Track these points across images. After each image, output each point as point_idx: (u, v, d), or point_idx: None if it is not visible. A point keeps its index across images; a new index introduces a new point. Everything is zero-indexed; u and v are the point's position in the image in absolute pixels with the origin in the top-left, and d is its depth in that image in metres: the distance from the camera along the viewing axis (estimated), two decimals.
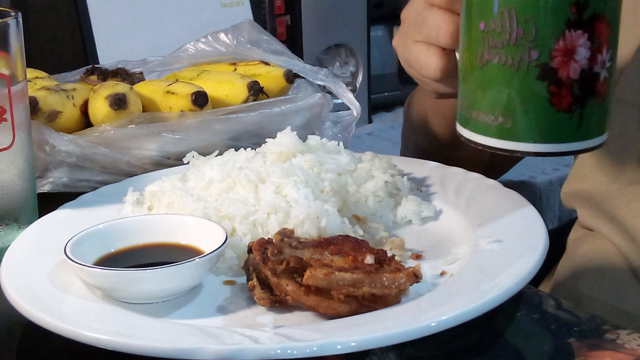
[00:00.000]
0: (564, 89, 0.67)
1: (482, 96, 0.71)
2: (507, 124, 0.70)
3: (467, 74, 0.72)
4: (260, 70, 1.13)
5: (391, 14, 1.98)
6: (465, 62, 0.72)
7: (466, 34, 0.72)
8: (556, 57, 0.67)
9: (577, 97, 0.68)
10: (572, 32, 0.66)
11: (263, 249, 0.69)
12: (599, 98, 0.69)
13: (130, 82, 1.09)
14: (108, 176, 0.96)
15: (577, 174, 0.97)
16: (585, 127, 0.69)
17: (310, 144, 0.88)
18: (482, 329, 0.67)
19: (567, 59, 0.67)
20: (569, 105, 0.68)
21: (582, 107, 0.68)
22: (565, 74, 0.67)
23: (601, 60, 0.68)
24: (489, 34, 0.69)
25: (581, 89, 0.68)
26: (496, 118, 0.70)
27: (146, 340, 0.61)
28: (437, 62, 0.79)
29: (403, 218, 0.84)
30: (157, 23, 1.53)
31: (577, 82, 0.67)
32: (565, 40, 0.66)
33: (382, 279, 0.65)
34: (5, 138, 0.82)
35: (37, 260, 0.74)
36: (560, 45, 0.66)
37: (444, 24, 0.77)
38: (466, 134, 0.73)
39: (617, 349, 0.64)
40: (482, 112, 0.71)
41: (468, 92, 0.72)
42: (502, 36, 0.68)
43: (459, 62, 0.75)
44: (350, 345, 0.59)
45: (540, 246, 0.71)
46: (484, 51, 0.69)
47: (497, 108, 0.70)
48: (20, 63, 0.83)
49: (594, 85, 0.68)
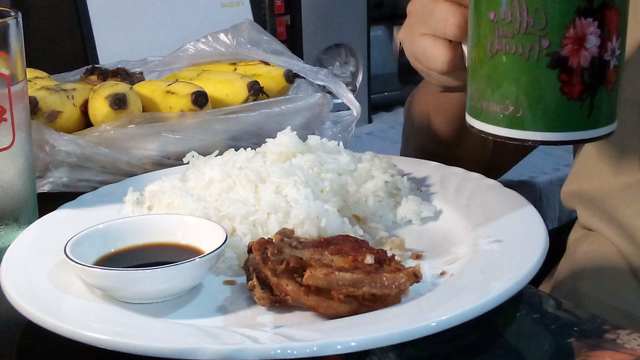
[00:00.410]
0: (575, 77, 0.68)
1: (492, 86, 0.71)
2: (517, 113, 0.70)
3: (476, 65, 0.72)
4: (260, 70, 1.13)
5: (391, 14, 1.98)
6: (475, 53, 0.72)
7: (475, 24, 0.72)
8: (567, 46, 0.67)
9: (588, 85, 0.68)
10: (582, 20, 0.66)
11: (263, 249, 0.69)
12: (609, 86, 0.69)
13: (130, 82, 1.09)
14: (108, 176, 0.96)
15: (577, 174, 0.97)
16: (596, 115, 0.69)
17: (310, 144, 0.88)
18: (482, 329, 0.67)
19: (578, 47, 0.67)
20: (580, 94, 0.68)
21: (593, 95, 0.68)
22: (576, 62, 0.67)
23: (611, 48, 0.68)
24: (499, 23, 0.69)
25: (592, 77, 0.68)
26: (507, 107, 0.70)
27: (146, 340, 0.61)
28: (444, 54, 0.79)
29: (403, 218, 0.84)
30: (157, 23, 1.53)
31: (588, 70, 0.68)
32: (575, 28, 0.67)
33: (382, 279, 0.65)
34: (5, 138, 0.82)
35: (37, 260, 0.74)
36: (570, 33, 0.67)
37: (451, 16, 0.77)
38: (477, 125, 0.73)
39: (617, 349, 0.64)
40: (492, 102, 0.71)
41: (478, 82, 0.72)
42: (512, 25, 0.68)
43: (467, 53, 0.75)
44: (350, 345, 0.59)
45: (541, 246, 0.71)
46: (494, 41, 0.69)
47: (508, 97, 0.70)
48: (20, 63, 0.83)
49: (604, 73, 0.68)
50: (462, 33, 0.76)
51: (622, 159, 0.90)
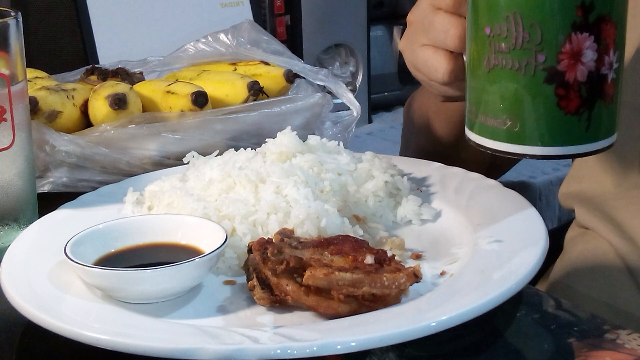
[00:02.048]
0: (572, 92, 0.67)
1: (489, 100, 0.71)
2: (515, 127, 0.69)
3: (474, 79, 0.72)
4: (260, 70, 1.13)
5: (391, 14, 1.98)
6: (472, 67, 0.72)
7: (472, 39, 0.71)
8: (563, 60, 0.67)
9: (585, 99, 0.68)
10: (578, 35, 0.66)
11: (263, 249, 0.69)
12: (607, 99, 0.69)
13: (130, 82, 1.09)
14: (108, 176, 0.96)
15: (576, 176, 0.97)
16: (594, 129, 0.69)
17: (310, 144, 0.88)
18: (482, 329, 0.67)
19: (574, 61, 0.67)
20: (577, 108, 0.68)
21: (591, 109, 0.68)
22: (573, 77, 0.67)
23: (608, 62, 0.67)
24: (495, 38, 0.68)
25: (589, 92, 0.67)
26: (504, 122, 0.70)
27: (146, 340, 0.61)
28: (445, 65, 0.79)
29: (403, 218, 0.84)
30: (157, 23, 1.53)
31: (585, 84, 0.67)
32: (571, 43, 0.66)
33: (382, 279, 0.65)
34: (5, 138, 0.82)
35: (37, 260, 0.74)
36: (566, 48, 0.66)
37: (452, 28, 0.77)
38: (474, 138, 0.73)
39: (617, 349, 0.64)
40: (489, 116, 0.71)
41: (475, 96, 0.72)
42: (508, 40, 0.68)
43: (466, 67, 0.75)
44: (350, 345, 0.59)
45: (540, 246, 0.71)
46: (491, 56, 0.69)
47: (505, 112, 0.70)
48: (20, 63, 0.83)
49: (601, 87, 0.68)
50: (462, 44, 0.76)
51: (622, 162, 0.90)
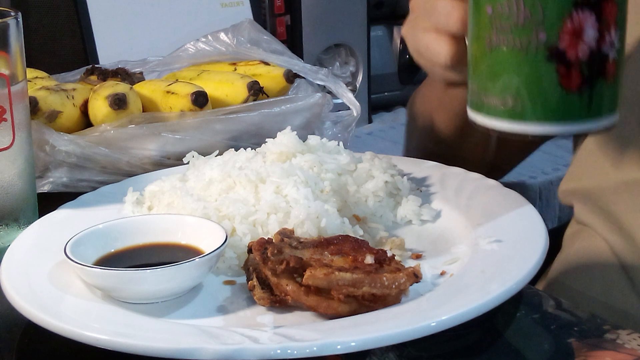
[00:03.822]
0: (573, 70, 0.67)
1: (491, 80, 0.71)
2: (517, 107, 0.70)
3: (476, 59, 0.72)
4: (260, 70, 1.13)
5: (391, 14, 1.98)
6: (474, 47, 0.72)
7: (474, 19, 0.72)
8: (564, 39, 0.67)
9: (587, 77, 0.68)
10: (579, 13, 0.66)
11: (263, 249, 0.69)
12: (608, 78, 0.69)
13: (130, 82, 1.09)
14: (108, 176, 0.96)
15: (575, 173, 0.97)
16: (596, 107, 0.69)
17: (310, 144, 0.89)
18: (482, 329, 0.67)
19: (575, 40, 0.67)
20: (579, 86, 0.68)
21: (592, 87, 0.68)
22: (574, 55, 0.67)
23: (610, 41, 0.68)
24: (497, 17, 0.69)
25: (590, 70, 0.68)
26: (506, 101, 0.70)
27: (146, 340, 0.61)
28: (448, 49, 0.79)
29: (403, 218, 0.84)
30: (157, 23, 1.53)
31: (586, 62, 0.67)
32: (572, 21, 0.66)
33: (382, 279, 0.65)
34: (5, 138, 0.82)
35: (37, 260, 0.74)
36: (567, 26, 0.66)
37: (454, 10, 0.77)
38: (478, 119, 0.73)
39: (617, 349, 0.64)
40: (492, 96, 0.71)
41: (477, 76, 0.72)
42: (509, 19, 0.68)
43: (468, 48, 0.75)
44: (350, 345, 0.59)
45: (540, 246, 0.71)
46: (492, 35, 0.69)
47: (507, 91, 0.70)
48: (20, 63, 0.83)
49: (603, 66, 0.68)
50: (465, 27, 0.76)
51: (622, 157, 0.90)
